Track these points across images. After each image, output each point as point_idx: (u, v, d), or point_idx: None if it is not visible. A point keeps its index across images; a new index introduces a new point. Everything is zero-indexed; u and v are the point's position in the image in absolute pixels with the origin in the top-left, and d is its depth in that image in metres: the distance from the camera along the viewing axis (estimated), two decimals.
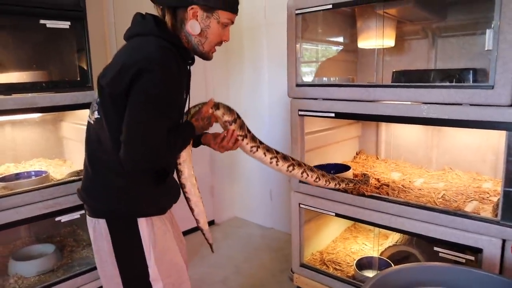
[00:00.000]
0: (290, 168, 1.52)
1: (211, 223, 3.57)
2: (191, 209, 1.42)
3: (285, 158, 1.52)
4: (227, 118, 1.37)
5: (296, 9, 1.92)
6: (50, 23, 1.74)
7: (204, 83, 3.24)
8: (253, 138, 1.45)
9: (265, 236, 3.33)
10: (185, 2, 1.20)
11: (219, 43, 1.30)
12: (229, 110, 1.39)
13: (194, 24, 1.22)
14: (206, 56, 1.32)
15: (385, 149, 2.55)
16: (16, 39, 1.97)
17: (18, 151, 2.25)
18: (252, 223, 3.62)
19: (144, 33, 1.19)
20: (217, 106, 1.36)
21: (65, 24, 1.79)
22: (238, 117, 1.40)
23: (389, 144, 2.53)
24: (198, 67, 3.20)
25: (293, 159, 1.54)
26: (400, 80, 1.92)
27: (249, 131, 1.44)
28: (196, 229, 3.33)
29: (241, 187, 3.65)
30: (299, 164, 1.56)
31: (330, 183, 1.68)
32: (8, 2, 1.67)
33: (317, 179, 1.61)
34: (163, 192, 1.30)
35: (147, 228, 1.24)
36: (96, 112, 1.22)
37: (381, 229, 2.23)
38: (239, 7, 1.30)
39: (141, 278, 1.27)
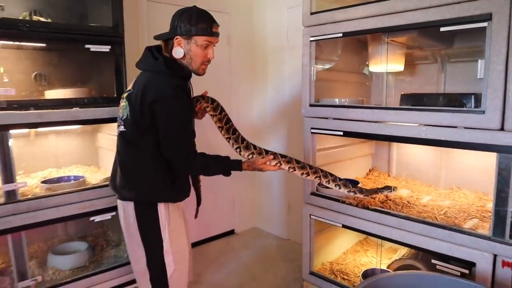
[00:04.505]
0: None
1: (231, 232, 3.75)
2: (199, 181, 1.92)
3: (260, 153, 1.79)
4: (212, 112, 1.80)
5: (311, 36, 2.11)
6: (94, 47, 2.01)
7: (229, 96, 3.48)
8: (229, 131, 1.78)
9: (281, 247, 3.46)
10: (172, 35, 1.59)
11: (206, 61, 1.64)
12: (213, 102, 1.79)
13: (177, 50, 1.59)
14: (197, 73, 1.67)
15: (397, 167, 2.66)
16: (64, 60, 2.28)
17: (60, 158, 2.52)
18: (270, 234, 3.76)
19: (158, 71, 1.58)
20: (203, 99, 1.79)
21: (106, 48, 2.06)
22: (220, 113, 1.79)
23: (400, 162, 2.64)
24: (224, 82, 3.43)
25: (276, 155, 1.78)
26: (407, 102, 2.05)
27: (226, 123, 1.78)
28: (213, 238, 3.62)
29: (261, 200, 3.81)
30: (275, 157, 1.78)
31: (310, 176, 1.85)
32: (59, 31, 1.96)
33: (292, 170, 1.81)
34: (177, 188, 1.68)
35: (164, 210, 1.63)
36: (122, 127, 1.63)
37: (392, 244, 2.35)
38: (266, 27, 1.63)
39: (158, 249, 1.64)
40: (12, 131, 1.78)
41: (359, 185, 2.29)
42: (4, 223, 1.76)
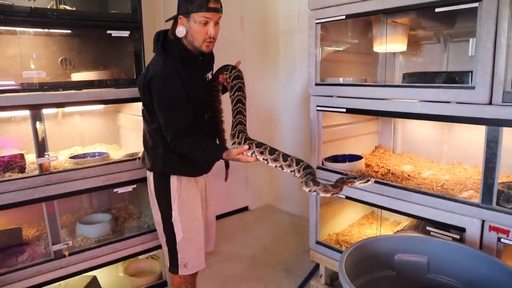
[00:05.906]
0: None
1: (245, 209, 3.94)
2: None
3: (233, 135, 1.71)
4: (229, 92, 1.86)
5: (316, 19, 2.22)
6: (115, 33, 2.18)
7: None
8: (233, 113, 1.79)
9: (293, 223, 3.64)
10: (176, 16, 1.69)
11: (208, 38, 1.68)
12: (233, 80, 1.84)
13: (178, 29, 1.67)
14: (201, 50, 1.72)
15: (401, 143, 2.77)
16: (88, 45, 2.47)
17: (84, 137, 2.73)
18: (283, 210, 3.94)
19: (158, 53, 1.72)
20: (230, 71, 1.85)
21: (126, 33, 2.22)
22: (233, 94, 1.82)
23: (405, 139, 2.75)
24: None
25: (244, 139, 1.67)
26: (409, 80, 2.15)
27: (235, 105, 1.79)
28: (228, 214, 3.80)
29: (274, 178, 3.97)
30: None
31: (284, 169, 1.69)
32: (84, 18, 2.14)
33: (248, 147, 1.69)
34: (188, 163, 1.79)
35: (176, 182, 1.80)
36: (142, 106, 1.79)
37: (396, 218, 2.49)
38: (277, 11, 1.71)
39: (168, 216, 1.83)
40: (43, 111, 1.96)
41: (363, 160, 2.42)
42: (39, 192, 1.97)
